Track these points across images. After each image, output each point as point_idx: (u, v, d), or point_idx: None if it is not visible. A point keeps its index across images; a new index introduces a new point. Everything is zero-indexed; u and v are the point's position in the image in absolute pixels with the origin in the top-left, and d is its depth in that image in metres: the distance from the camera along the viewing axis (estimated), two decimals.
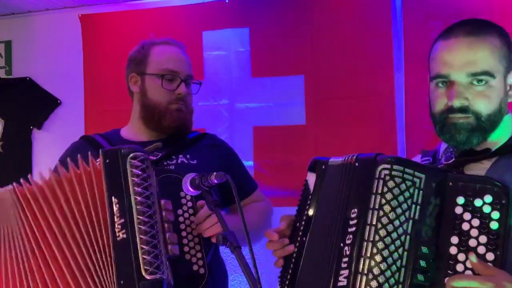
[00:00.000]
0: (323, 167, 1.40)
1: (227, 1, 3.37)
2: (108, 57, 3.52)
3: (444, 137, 1.34)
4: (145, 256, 1.35)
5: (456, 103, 1.28)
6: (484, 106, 1.28)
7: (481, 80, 1.27)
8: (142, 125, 1.87)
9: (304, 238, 1.37)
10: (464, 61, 1.28)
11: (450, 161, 1.31)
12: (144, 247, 1.37)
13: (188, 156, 1.83)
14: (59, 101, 3.72)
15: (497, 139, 1.30)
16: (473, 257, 1.12)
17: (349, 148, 3.12)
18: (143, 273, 1.34)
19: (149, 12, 3.52)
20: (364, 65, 3.13)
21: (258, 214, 1.89)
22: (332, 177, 1.36)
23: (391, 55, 3.10)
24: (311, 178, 1.42)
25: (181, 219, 1.59)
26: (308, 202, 1.40)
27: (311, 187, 1.41)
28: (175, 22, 3.43)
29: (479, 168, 1.27)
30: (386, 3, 3.12)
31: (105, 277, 1.41)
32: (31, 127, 3.76)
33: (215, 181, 1.40)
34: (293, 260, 1.38)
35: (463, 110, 1.28)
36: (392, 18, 3.11)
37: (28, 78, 3.76)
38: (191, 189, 1.46)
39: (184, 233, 1.57)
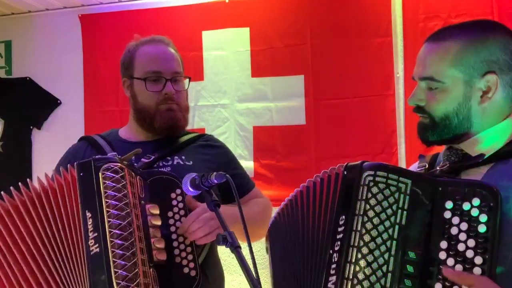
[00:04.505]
0: (269, 230, 1.52)
1: (227, 1, 3.37)
2: (108, 57, 3.53)
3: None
4: (116, 270, 1.37)
5: (410, 102, 1.36)
6: (435, 108, 1.32)
7: (431, 84, 1.33)
8: (138, 126, 1.87)
9: None
10: (419, 65, 1.35)
11: (445, 167, 1.32)
12: (116, 260, 1.38)
13: (183, 157, 1.81)
14: (59, 101, 3.72)
15: (493, 144, 1.30)
16: (446, 270, 1.12)
17: (349, 148, 3.13)
18: (115, 286, 1.36)
19: (149, 12, 3.52)
20: (364, 65, 3.14)
21: (258, 206, 1.88)
22: (292, 214, 1.41)
23: (391, 55, 3.10)
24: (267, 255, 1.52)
25: (171, 221, 1.57)
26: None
27: (270, 255, 1.50)
28: (175, 22, 3.43)
29: (476, 174, 1.26)
30: (386, 3, 3.12)
31: None
32: (31, 127, 3.76)
33: (215, 181, 1.40)
34: None
35: (418, 110, 1.35)
36: (392, 18, 3.11)
37: (28, 78, 3.76)
38: (191, 189, 1.45)
39: (174, 236, 1.56)
